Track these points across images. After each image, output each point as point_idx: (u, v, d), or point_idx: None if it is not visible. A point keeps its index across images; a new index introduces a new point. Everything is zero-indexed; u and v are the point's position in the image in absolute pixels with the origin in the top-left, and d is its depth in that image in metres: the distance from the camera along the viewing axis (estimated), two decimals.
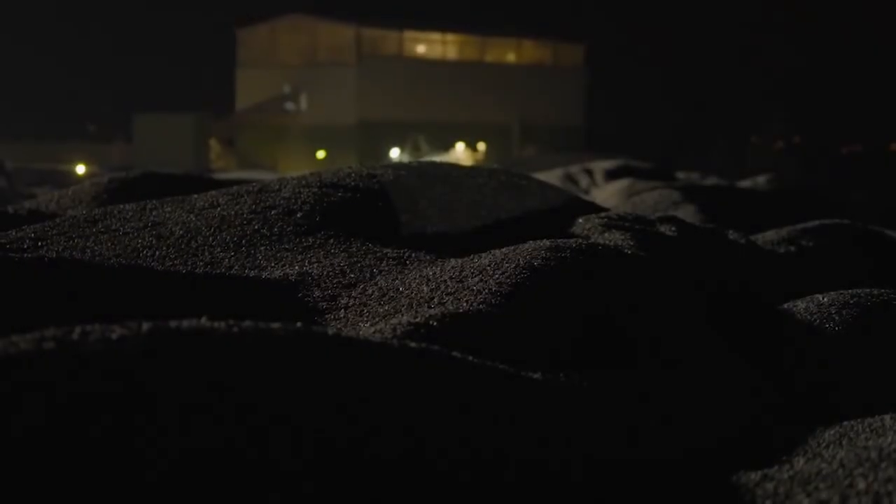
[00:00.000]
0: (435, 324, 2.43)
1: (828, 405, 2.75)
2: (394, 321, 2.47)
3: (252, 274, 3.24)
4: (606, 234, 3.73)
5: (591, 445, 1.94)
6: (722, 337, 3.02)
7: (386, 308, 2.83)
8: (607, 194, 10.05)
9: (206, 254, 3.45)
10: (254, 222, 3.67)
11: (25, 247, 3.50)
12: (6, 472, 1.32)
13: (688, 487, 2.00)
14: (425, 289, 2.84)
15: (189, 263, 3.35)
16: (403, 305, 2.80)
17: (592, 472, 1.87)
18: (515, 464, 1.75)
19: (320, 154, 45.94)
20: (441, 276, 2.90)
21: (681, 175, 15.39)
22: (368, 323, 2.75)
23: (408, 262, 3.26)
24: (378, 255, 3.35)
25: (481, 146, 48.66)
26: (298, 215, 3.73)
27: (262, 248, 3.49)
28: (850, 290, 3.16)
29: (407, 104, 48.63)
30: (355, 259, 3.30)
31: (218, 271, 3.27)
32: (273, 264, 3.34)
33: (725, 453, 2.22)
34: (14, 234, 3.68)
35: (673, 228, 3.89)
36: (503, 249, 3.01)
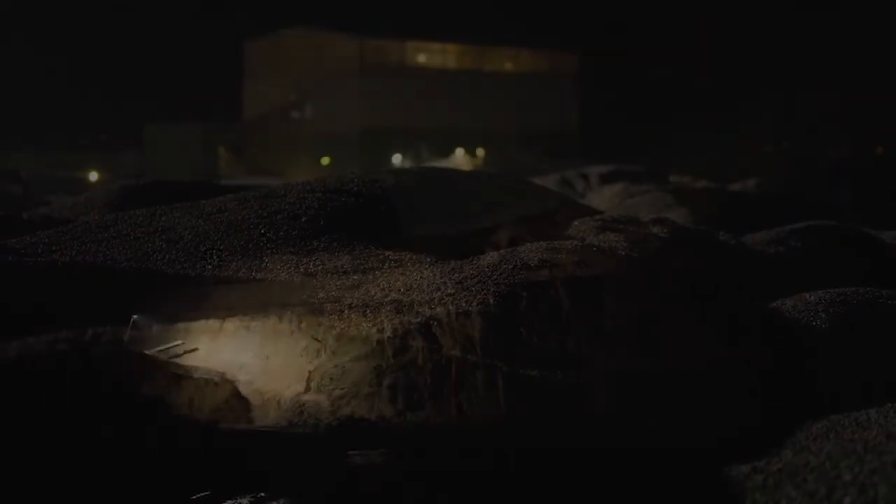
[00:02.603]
0: (435, 323, 2.46)
1: (818, 399, 2.76)
2: (396, 321, 2.51)
3: (259, 276, 3.29)
4: (601, 236, 3.76)
5: (591, 441, 1.95)
6: (716, 334, 3.03)
7: (388, 308, 2.87)
8: (602, 198, 10.04)
9: (215, 257, 3.49)
10: (260, 226, 3.71)
11: (40, 251, 3.55)
12: (14, 468, 1.37)
13: (682, 481, 2.03)
14: (426, 289, 2.89)
15: (198, 266, 3.40)
16: (405, 305, 2.84)
17: (593, 465, 1.89)
18: (516, 453, 1.77)
19: (325, 161, 45.77)
20: (441, 277, 2.94)
21: (673, 179, 15.34)
22: (371, 323, 2.79)
23: (409, 263, 3.30)
24: (380, 257, 3.38)
25: (480, 152, 48.42)
26: (303, 219, 3.77)
27: (269, 250, 3.53)
28: (836, 289, 3.19)
29: (408, 112, 48.45)
30: (358, 261, 3.34)
31: (226, 273, 3.32)
32: (279, 266, 3.38)
33: (724, 451, 2.24)
34: (29, 239, 3.73)
35: (665, 230, 3.92)
36: (501, 251, 3.04)
